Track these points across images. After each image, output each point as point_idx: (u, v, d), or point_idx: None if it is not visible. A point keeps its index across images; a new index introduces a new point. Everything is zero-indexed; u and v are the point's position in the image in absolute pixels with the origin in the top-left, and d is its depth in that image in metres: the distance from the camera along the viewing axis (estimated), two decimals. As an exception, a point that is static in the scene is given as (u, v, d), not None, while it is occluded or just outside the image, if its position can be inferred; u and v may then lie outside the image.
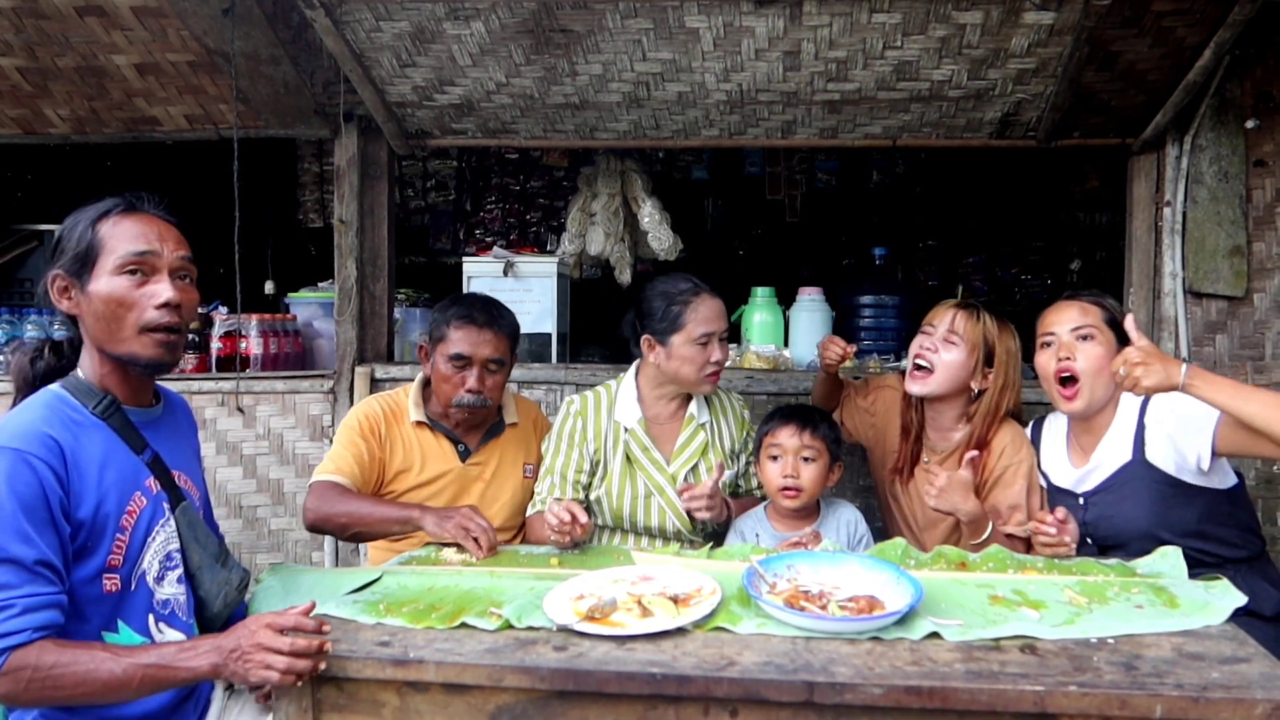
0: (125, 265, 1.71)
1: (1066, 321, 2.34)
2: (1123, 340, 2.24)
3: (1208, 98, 3.11)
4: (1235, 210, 3.15)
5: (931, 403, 2.51)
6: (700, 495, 2.33)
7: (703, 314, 2.47)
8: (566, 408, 2.65)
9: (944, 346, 2.43)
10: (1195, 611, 1.76)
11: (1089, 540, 2.33)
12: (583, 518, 2.20)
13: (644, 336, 2.55)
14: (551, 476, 2.59)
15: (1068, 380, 2.31)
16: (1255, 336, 3.14)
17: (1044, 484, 2.46)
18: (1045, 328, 2.39)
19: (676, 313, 2.48)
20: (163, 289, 1.73)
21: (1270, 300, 3.12)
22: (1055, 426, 2.51)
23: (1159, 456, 2.24)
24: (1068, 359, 2.30)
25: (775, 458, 2.37)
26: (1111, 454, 2.32)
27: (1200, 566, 2.18)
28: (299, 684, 1.56)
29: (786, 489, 2.34)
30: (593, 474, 2.59)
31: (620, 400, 2.61)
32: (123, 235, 1.73)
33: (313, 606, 1.64)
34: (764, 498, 2.51)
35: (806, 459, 2.34)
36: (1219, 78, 3.07)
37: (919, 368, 2.45)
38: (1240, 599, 1.82)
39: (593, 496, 2.58)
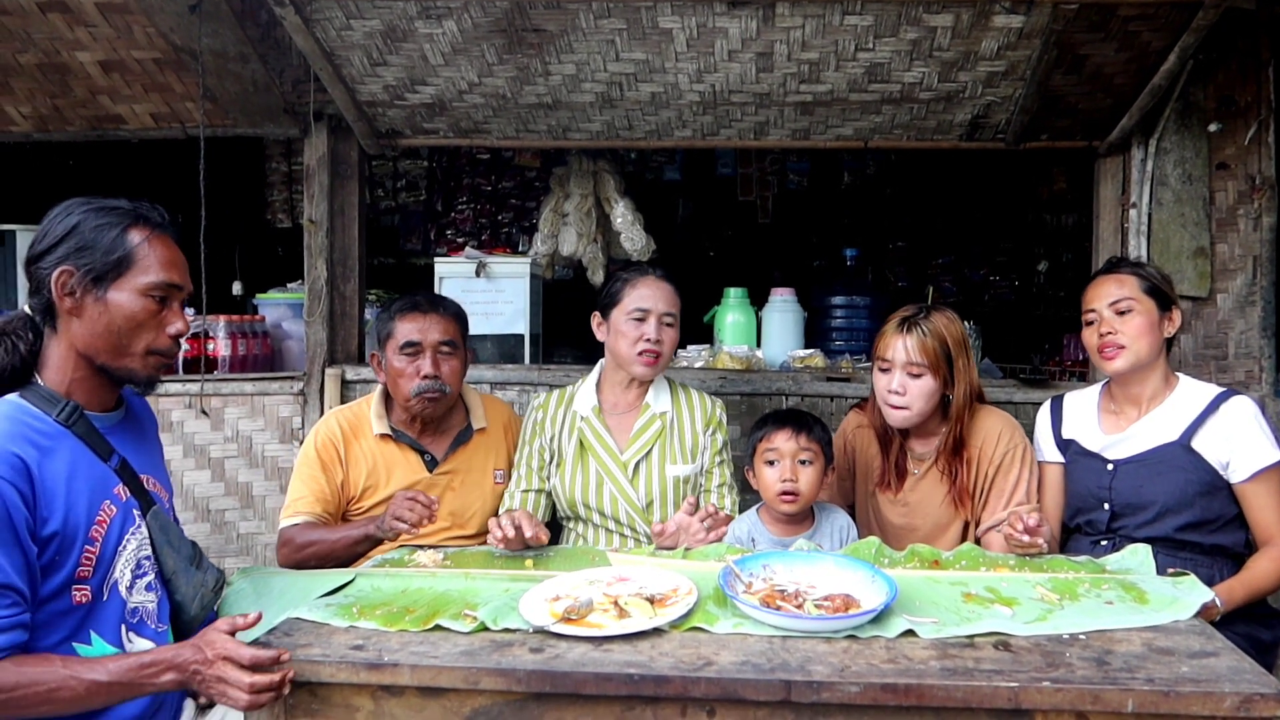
0: (155, 290, 1.71)
1: (1105, 297, 2.38)
2: (1164, 304, 2.34)
3: (1172, 101, 3.16)
4: (1199, 212, 3.20)
5: None
6: (666, 533, 2.25)
7: (641, 290, 2.54)
8: (532, 403, 2.72)
9: (911, 381, 2.39)
10: (1164, 607, 1.79)
11: (1106, 505, 2.36)
12: (529, 531, 2.16)
13: (595, 313, 2.64)
14: (518, 470, 2.66)
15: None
16: (1218, 336, 3.19)
17: (1058, 458, 2.50)
18: (1087, 304, 2.43)
19: (619, 289, 2.59)
20: (177, 319, 1.76)
21: (1233, 300, 3.18)
22: (1082, 397, 2.55)
23: (1208, 448, 2.29)
24: (1110, 334, 2.35)
25: (772, 462, 2.36)
26: (1154, 430, 2.35)
27: (1203, 555, 2.27)
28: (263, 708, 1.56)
29: (785, 493, 2.33)
30: (551, 463, 2.63)
31: (581, 392, 2.67)
32: (159, 260, 1.73)
33: (259, 618, 1.63)
34: (730, 515, 2.51)
35: (803, 462, 2.34)
36: (1183, 82, 3.13)
37: (893, 405, 2.42)
38: (1207, 594, 1.86)
39: (550, 485, 2.63)
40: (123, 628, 1.70)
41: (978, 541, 2.41)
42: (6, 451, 1.55)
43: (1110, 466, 2.38)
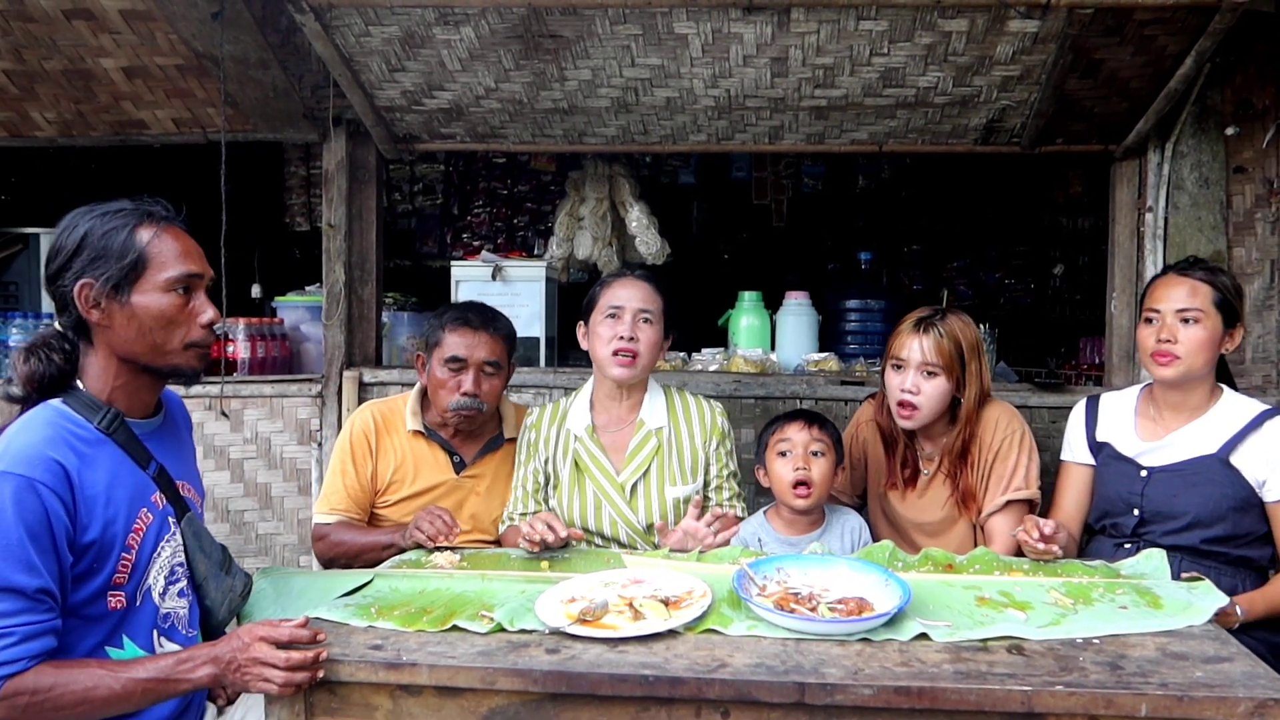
0: (176, 283, 1.71)
1: (1173, 300, 2.29)
2: (1230, 319, 2.28)
3: (1189, 105, 3.15)
4: (1216, 216, 3.19)
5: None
6: (672, 538, 2.25)
7: (615, 290, 2.47)
8: (525, 421, 2.63)
9: (924, 381, 2.39)
10: (1178, 612, 1.78)
11: (1135, 511, 2.34)
12: (562, 531, 2.19)
13: (579, 323, 2.57)
14: (515, 493, 2.58)
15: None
16: (1235, 340, 3.18)
17: (1089, 460, 2.48)
18: (1152, 301, 2.34)
19: (596, 292, 2.53)
20: (207, 308, 1.75)
21: (1250, 304, 3.16)
22: (1119, 400, 2.51)
23: (1246, 465, 2.25)
24: (1168, 341, 2.27)
25: (784, 454, 2.37)
26: (1193, 440, 2.32)
27: (1228, 565, 2.26)
28: (299, 692, 1.57)
29: (798, 484, 2.33)
30: (548, 484, 2.55)
31: (573, 408, 2.57)
32: (172, 253, 1.71)
33: (306, 622, 1.64)
34: (741, 518, 2.49)
35: (816, 453, 2.35)
36: (1200, 85, 3.12)
37: (905, 404, 2.42)
38: (1222, 599, 1.85)
39: (548, 508, 2.53)
40: (154, 633, 1.72)
41: (982, 529, 2.43)
42: (47, 458, 1.56)
43: (1144, 473, 2.35)
